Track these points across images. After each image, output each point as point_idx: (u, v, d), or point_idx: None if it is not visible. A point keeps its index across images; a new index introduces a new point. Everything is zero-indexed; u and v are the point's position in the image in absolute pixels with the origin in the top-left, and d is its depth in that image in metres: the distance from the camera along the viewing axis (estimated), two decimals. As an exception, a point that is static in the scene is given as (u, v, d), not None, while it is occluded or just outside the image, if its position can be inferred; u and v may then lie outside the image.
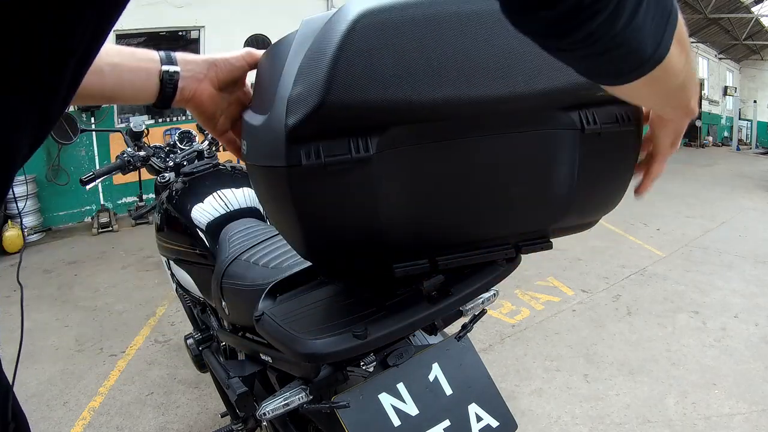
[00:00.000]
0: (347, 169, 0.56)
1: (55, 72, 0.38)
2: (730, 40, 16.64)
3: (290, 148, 0.54)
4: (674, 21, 0.36)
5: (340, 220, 0.61)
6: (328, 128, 0.54)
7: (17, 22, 0.32)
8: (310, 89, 0.52)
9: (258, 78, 0.64)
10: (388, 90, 0.53)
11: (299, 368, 0.88)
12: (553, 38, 0.32)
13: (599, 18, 0.30)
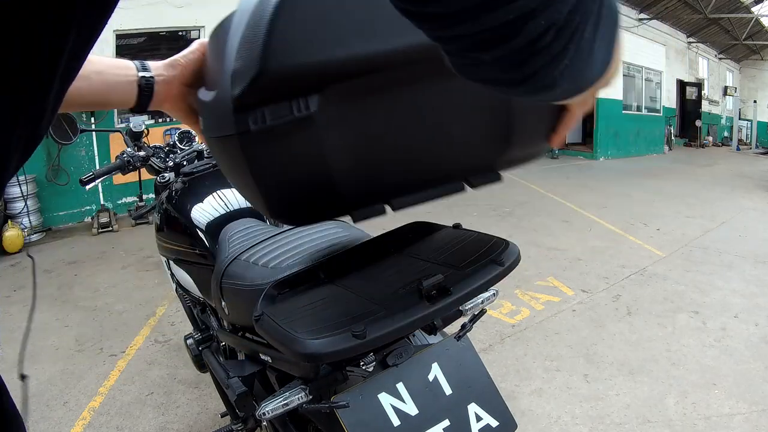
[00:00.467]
0: (292, 129, 0.60)
1: (55, 71, 0.38)
2: (730, 40, 16.63)
3: (238, 117, 0.58)
4: (618, 27, 0.36)
5: (295, 176, 0.65)
6: (271, 94, 0.58)
7: (17, 22, 0.32)
8: (250, 61, 0.55)
9: (207, 58, 0.69)
10: (321, 52, 0.56)
11: (299, 368, 0.88)
12: (510, 90, 0.33)
13: (562, 64, 0.31)
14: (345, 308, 0.76)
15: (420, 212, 1.04)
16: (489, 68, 0.31)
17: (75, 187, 4.93)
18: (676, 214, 5.49)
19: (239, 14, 0.59)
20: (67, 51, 0.37)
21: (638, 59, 12.09)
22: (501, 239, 0.88)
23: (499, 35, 0.28)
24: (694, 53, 16.40)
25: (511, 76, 0.31)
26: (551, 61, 0.30)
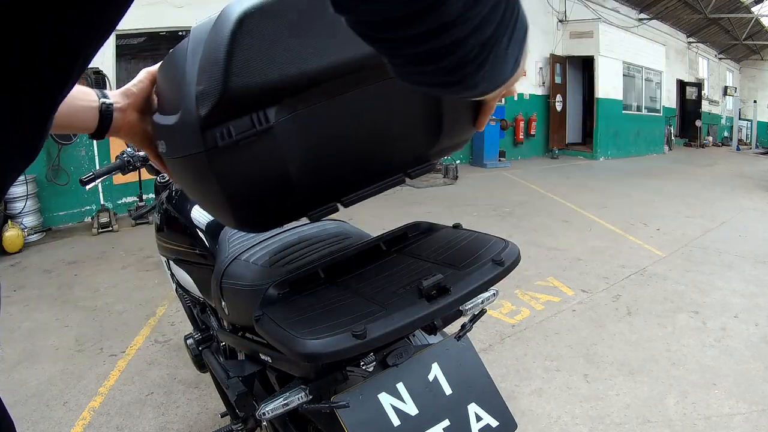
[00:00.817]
0: (254, 141, 0.66)
1: (56, 71, 0.38)
2: (730, 40, 16.63)
3: (205, 134, 0.63)
4: (527, 38, 0.43)
5: (258, 185, 0.70)
6: (234, 110, 0.64)
7: (17, 22, 0.32)
8: (213, 83, 0.61)
9: (159, 85, 0.74)
10: (276, 69, 0.63)
11: (299, 368, 0.88)
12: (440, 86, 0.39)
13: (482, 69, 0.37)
14: (345, 308, 0.76)
15: (420, 212, 1.04)
16: (426, 76, 0.37)
17: (75, 187, 4.93)
18: (676, 214, 5.49)
19: (193, 42, 0.65)
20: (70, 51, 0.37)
21: (638, 59, 12.08)
22: (501, 239, 0.88)
23: (439, 54, 0.34)
24: (694, 53, 16.40)
25: (443, 80, 0.37)
26: (476, 68, 0.37)
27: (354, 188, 0.83)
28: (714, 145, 16.39)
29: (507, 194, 6.49)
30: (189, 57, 0.65)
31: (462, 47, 0.34)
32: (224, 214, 0.74)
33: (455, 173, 7.38)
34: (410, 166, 0.88)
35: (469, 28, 0.33)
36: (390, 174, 0.87)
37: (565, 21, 11.05)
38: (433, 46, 0.33)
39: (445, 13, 0.32)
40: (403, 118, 0.82)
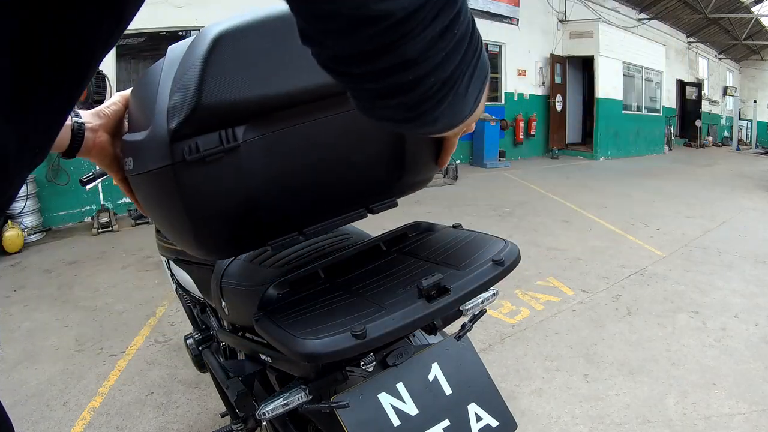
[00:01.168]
0: (221, 159, 0.67)
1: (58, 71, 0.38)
2: (730, 40, 16.63)
3: (173, 148, 0.64)
4: (488, 78, 0.43)
5: (222, 206, 0.71)
6: (202, 126, 0.65)
7: (18, 22, 0.32)
8: (186, 97, 0.62)
9: (132, 105, 0.74)
10: (248, 89, 0.65)
11: (299, 368, 0.88)
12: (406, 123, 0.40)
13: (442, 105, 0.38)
14: (345, 308, 0.76)
15: (420, 212, 1.04)
16: (386, 110, 0.38)
17: (75, 187, 4.93)
18: (676, 214, 5.49)
19: (169, 60, 0.67)
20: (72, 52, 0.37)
21: (638, 59, 12.09)
22: (501, 239, 0.88)
23: (400, 90, 0.35)
24: (694, 53, 16.40)
25: (404, 116, 0.38)
26: (436, 104, 0.37)
27: (317, 218, 0.84)
28: (714, 145, 16.40)
29: (507, 194, 6.49)
30: (163, 75, 0.66)
31: (423, 84, 0.35)
32: (185, 235, 0.73)
33: (455, 173, 7.38)
34: (373, 200, 0.90)
35: (431, 66, 0.34)
36: (353, 206, 0.89)
37: (565, 21, 11.05)
38: (395, 81, 0.34)
39: (408, 50, 0.32)
40: (369, 150, 0.83)
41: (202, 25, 5.90)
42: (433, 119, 0.39)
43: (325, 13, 0.31)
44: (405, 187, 0.91)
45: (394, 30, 0.31)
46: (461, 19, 0.35)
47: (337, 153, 0.80)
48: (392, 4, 0.30)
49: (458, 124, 0.43)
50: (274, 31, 0.67)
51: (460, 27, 0.35)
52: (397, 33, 0.32)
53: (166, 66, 0.67)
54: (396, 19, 0.31)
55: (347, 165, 0.82)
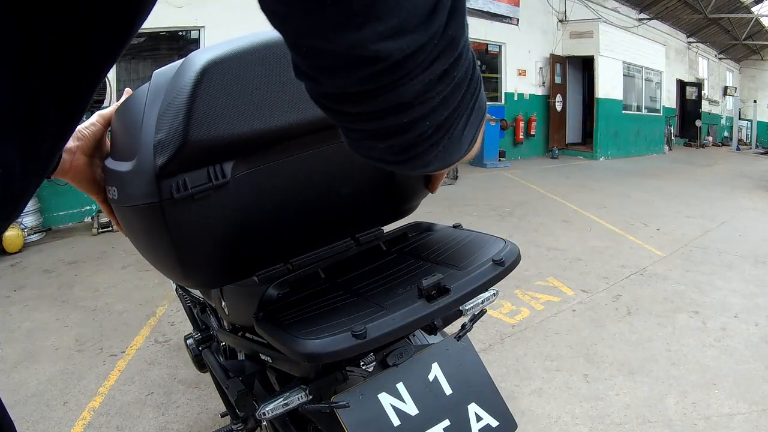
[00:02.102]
0: (210, 195, 0.66)
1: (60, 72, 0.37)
2: (730, 40, 16.63)
3: (161, 185, 0.62)
4: (484, 119, 0.43)
5: (210, 240, 0.70)
6: (190, 162, 0.63)
7: (17, 22, 0.32)
8: (172, 133, 0.60)
9: (116, 129, 0.72)
10: (236, 125, 0.63)
11: (299, 368, 0.88)
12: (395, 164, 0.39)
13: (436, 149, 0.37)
14: (345, 308, 0.76)
15: (420, 212, 1.04)
16: (379, 151, 0.37)
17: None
18: (676, 214, 5.49)
19: (154, 87, 0.65)
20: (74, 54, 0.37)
21: (638, 59, 12.09)
22: (501, 239, 0.88)
23: (394, 132, 0.34)
24: (694, 53, 16.40)
25: (396, 158, 0.37)
26: (428, 148, 0.37)
27: (304, 249, 0.84)
28: (714, 145, 16.40)
29: (507, 194, 6.49)
30: (148, 103, 0.64)
31: (418, 127, 0.34)
32: (171, 267, 0.73)
33: (455, 173, 7.37)
34: (360, 230, 0.90)
35: (427, 109, 0.33)
36: (340, 237, 0.89)
37: (565, 21, 11.05)
38: (389, 123, 0.34)
39: (404, 93, 0.32)
40: (357, 181, 0.83)
41: (202, 25, 5.91)
42: (426, 162, 0.38)
43: (319, 51, 0.30)
44: (393, 214, 0.92)
45: (390, 72, 0.30)
46: (461, 63, 0.34)
47: (325, 185, 0.80)
48: (390, 46, 0.29)
49: (451, 165, 0.43)
50: (262, 60, 0.65)
51: (460, 70, 0.34)
52: (393, 75, 0.31)
53: (152, 92, 0.65)
54: (393, 61, 0.30)
55: (335, 197, 0.82)
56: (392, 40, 0.29)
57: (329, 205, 0.83)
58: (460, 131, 0.38)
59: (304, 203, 0.79)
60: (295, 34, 0.30)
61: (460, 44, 0.33)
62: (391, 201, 0.86)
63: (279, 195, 0.75)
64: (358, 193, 0.85)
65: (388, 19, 0.29)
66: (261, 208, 0.73)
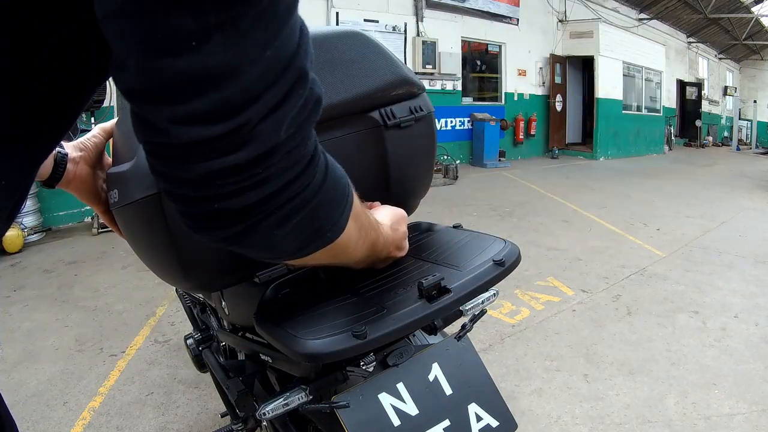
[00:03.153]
0: None
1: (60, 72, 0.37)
2: (730, 40, 16.64)
3: None
4: (350, 205, 0.46)
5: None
6: None
7: (18, 22, 0.32)
8: None
9: (117, 139, 0.73)
10: None
11: (299, 368, 0.88)
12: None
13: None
14: (345, 308, 0.76)
15: (420, 212, 1.04)
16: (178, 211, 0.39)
17: (75, 187, 4.93)
18: (676, 214, 5.49)
19: None
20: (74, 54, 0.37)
21: (638, 59, 12.09)
22: (501, 239, 0.88)
23: (178, 199, 0.37)
24: (694, 53, 16.40)
25: (184, 220, 0.39)
26: (223, 227, 0.38)
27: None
28: (714, 145, 16.40)
29: (507, 194, 6.49)
30: None
31: (203, 205, 0.36)
32: (172, 267, 0.72)
33: (455, 173, 7.38)
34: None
35: (217, 192, 0.35)
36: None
37: (565, 21, 11.05)
38: (179, 191, 0.36)
39: (191, 170, 0.34)
40: (355, 178, 0.84)
41: (202, 25, 5.90)
42: (220, 239, 0.39)
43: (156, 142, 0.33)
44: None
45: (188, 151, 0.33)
46: (275, 164, 0.35)
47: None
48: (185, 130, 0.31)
49: (283, 257, 0.45)
50: None
51: (278, 176, 0.36)
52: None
53: None
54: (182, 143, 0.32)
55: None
56: (187, 125, 0.31)
57: None
58: (269, 229, 0.39)
59: None
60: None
61: (278, 153, 0.35)
62: (390, 200, 0.86)
63: None
64: (356, 191, 0.85)
65: (184, 104, 0.31)
66: None
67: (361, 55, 0.83)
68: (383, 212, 0.74)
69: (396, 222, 0.74)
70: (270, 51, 0.32)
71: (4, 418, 0.46)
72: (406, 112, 0.85)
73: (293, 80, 0.34)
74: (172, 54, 0.29)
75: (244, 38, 0.30)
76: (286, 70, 0.33)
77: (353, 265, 0.66)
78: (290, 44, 0.33)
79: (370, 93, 0.80)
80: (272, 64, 0.32)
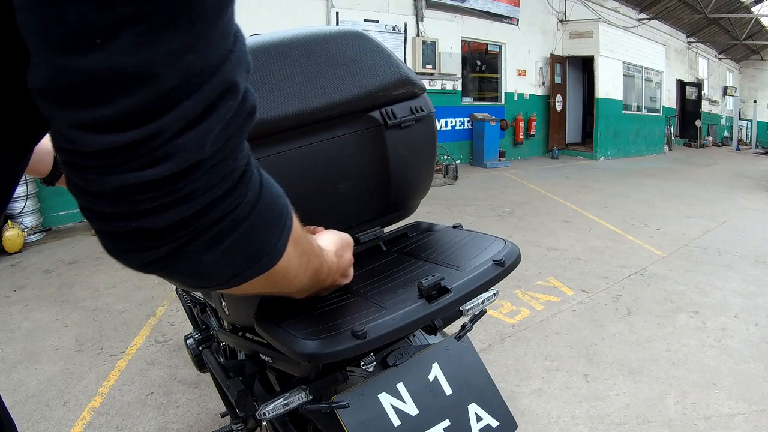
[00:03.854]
0: None
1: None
2: (730, 40, 16.64)
3: None
4: (289, 227, 0.43)
5: None
6: None
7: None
8: None
9: None
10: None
11: (299, 368, 0.88)
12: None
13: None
14: (345, 308, 0.76)
15: (420, 212, 1.04)
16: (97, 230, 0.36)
17: (75, 187, 4.92)
18: (676, 214, 5.49)
19: None
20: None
21: (638, 59, 12.09)
22: (501, 239, 0.88)
23: (91, 216, 0.35)
24: (694, 53, 16.40)
25: (103, 241, 0.37)
26: (155, 261, 0.36)
27: None
28: (714, 145, 16.40)
29: (507, 194, 6.49)
30: None
31: (121, 223, 0.34)
32: None
33: (455, 173, 7.38)
34: (361, 230, 0.91)
35: (136, 209, 0.32)
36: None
37: (565, 21, 11.05)
38: (91, 206, 0.33)
39: (105, 183, 0.31)
40: (355, 177, 0.84)
41: (202, 25, 5.90)
42: (141, 263, 0.38)
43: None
44: (393, 214, 0.92)
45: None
46: (197, 180, 0.33)
47: (323, 180, 0.81)
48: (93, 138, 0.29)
49: (216, 286, 0.41)
50: (258, 60, 0.69)
51: (205, 193, 0.33)
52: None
53: None
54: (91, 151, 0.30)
55: (333, 193, 0.83)
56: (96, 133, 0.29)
57: (327, 202, 0.83)
58: (197, 253, 0.36)
59: (301, 199, 0.79)
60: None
61: (202, 168, 0.32)
62: (391, 200, 0.86)
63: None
64: (356, 190, 0.85)
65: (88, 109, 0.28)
66: None
67: (362, 54, 0.83)
68: (327, 237, 0.69)
69: (341, 248, 0.70)
70: (192, 56, 0.29)
71: (3, 418, 0.46)
72: (407, 112, 0.86)
73: (220, 91, 0.31)
74: (76, 51, 0.26)
75: (159, 38, 0.27)
76: (212, 78, 0.30)
77: (295, 295, 0.62)
78: (219, 50, 0.31)
79: (370, 92, 0.81)
80: (194, 70, 0.29)
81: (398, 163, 0.85)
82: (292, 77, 0.73)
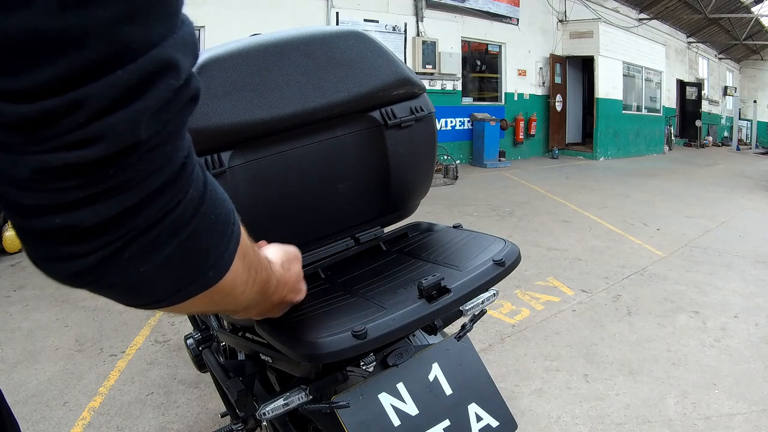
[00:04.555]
0: None
1: None
2: (730, 40, 16.64)
3: None
4: (237, 235, 0.39)
5: None
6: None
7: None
8: None
9: None
10: (233, 115, 0.67)
11: (299, 368, 0.88)
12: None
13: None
14: (345, 308, 0.76)
15: (420, 212, 1.04)
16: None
17: (75, 187, 4.92)
18: (676, 214, 5.49)
19: None
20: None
21: (638, 59, 12.09)
22: (501, 239, 0.88)
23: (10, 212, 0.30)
24: (694, 53, 16.40)
25: (27, 250, 0.33)
26: (85, 271, 0.32)
27: (303, 248, 0.83)
28: (714, 145, 16.40)
29: (507, 194, 6.49)
30: None
31: (45, 220, 0.29)
32: None
33: (455, 173, 7.38)
34: (361, 230, 0.91)
35: (55, 201, 0.29)
36: (339, 236, 0.90)
37: (565, 21, 11.05)
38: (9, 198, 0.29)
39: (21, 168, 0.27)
40: (355, 177, 0.85)
41: (202, 25, 5.91)
42: (65, 274, 0.33)
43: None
44: (393, 214, 0.92)
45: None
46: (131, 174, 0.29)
47: (323, 180, 0.81)
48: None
49: (157, 302, 0.36)
50: (258, 59, 0.70)
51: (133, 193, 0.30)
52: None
53: None
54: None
55: (333, 193, 0.83)
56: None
57: (327, 202, 0.83)
58: (133, 262, 0.32)
59: (301, 198, 0.79)
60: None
61: (135, 152, 0.29)
62: (391, 200, 0.86)
63: (275, 189, 0.76)
64: (357, 190, 0.85)
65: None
66: (257, 202, 0.75)
67: (362, 54, 0.83)
68: (273, 250, 0.64)
69: (288, 261, 0.64)
70: (129, 27, 0.26)
71: (6, 418, 0.46)
72: (407, 112, 0.86)
73: (159, 66, 0.28)
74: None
75: (92, 2, 0.25)
76: (150, 52, 0.28)
77: (241, 315, 0.56)
78: (160, 28, 0.28)
79: (370, 92, 0.81)
80: (130, 44, 0.27)
81: (398, 163, 0.85)
82: (292, 77, 0.73)
